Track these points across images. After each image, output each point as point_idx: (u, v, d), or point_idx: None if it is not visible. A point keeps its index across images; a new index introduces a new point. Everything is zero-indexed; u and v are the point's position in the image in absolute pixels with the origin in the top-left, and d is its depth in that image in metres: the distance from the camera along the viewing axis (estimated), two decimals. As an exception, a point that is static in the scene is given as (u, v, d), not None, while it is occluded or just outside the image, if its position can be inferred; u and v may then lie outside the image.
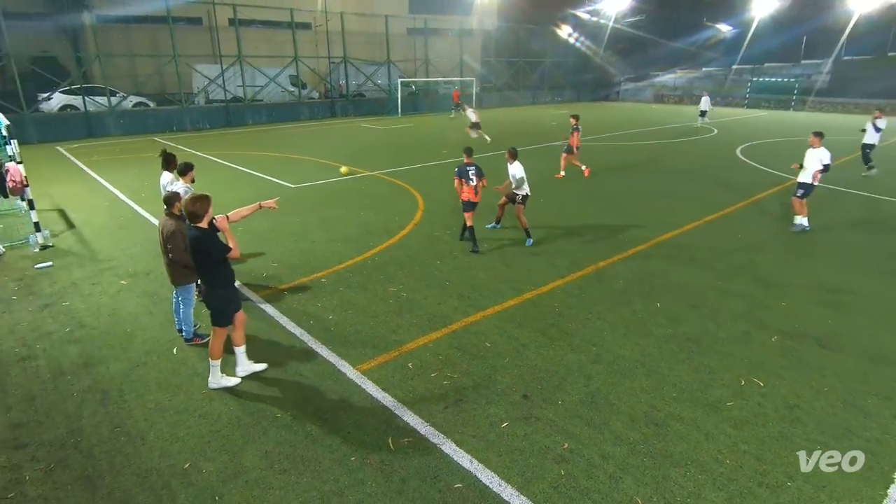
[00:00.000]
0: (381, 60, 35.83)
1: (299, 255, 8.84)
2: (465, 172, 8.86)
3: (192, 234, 4.89)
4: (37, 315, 6.75)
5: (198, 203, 4.79)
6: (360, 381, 5.31)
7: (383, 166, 16.40)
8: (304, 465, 4.22)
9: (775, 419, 4.76)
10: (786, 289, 7.56)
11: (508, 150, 9.28)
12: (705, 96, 28.46)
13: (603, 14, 48.02)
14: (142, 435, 4.56)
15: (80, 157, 18.60)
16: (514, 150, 9.27)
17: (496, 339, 6.16)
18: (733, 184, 14.10)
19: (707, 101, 28.02)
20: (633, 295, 7.33)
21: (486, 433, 4.57)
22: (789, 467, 4.20)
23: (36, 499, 3.89)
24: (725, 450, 4.39)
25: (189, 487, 4.00)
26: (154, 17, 27.99)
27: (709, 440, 4.50)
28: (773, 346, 6.04)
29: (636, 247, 9.20)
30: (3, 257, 8.71)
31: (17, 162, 9.26)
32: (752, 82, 41.35)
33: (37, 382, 5.32)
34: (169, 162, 7.96)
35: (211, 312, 5.12)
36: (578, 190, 13.44)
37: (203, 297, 5.25)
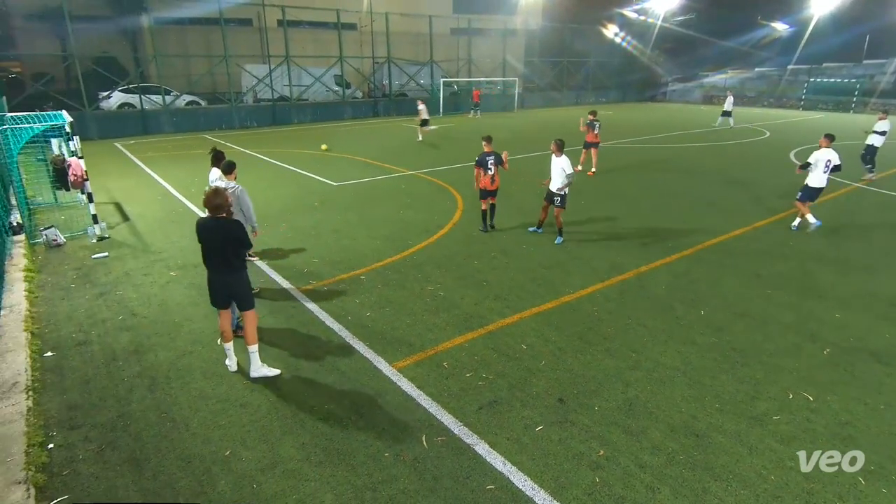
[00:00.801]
0: (424, 60, 36.05)
1: (340, 251, 8.99)
2: (484, 162, 9.31)
3: (224, 224, 5.07)
4: (93, 303, 7.10)
5: (220, 196, 5.01)
6: (395, 379, 5.36)
7: (424, 165, 16.50)
8: (339, 458, 4.28)
9: (825, 436, 4.54)
10: (840, 300, 7.20)
11: (555, 142, 8.93)
12: (729, 96, 27.92)
13: (651, 13, 46.88)
14: (186, 421, 4.73)
15: (135, 153, 19.46)
16: (560, 142, 8.95)
17: (532, 341, 6.10)
18: (786, 188, 13.53)
19: (731, 102, 27.35)
20: (675, 301, 7.13)
21: (521, 436, 4.53)
22: (840, 487, 4.00)
23: (88, 477, 4.10)
24: (770, 465, 4.21)
25: (229, 474, 4.12)
26: (207, 19, 28.97)
27: (753, 454, 4.33)
28: (825, 359, 5.76)
29: (680, 252, 8.95)
30: (63, 247, 9.20)
31: (79, 157, 9.77)
32: (809, 83, 39.56)
33: (91, 367, 5.59)
34: (218, 159, 8.26)
35: (241, 298, 5.30)
36: (618, 192, 13.17)
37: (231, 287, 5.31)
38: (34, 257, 8.66)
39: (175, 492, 3.97)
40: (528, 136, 21.78)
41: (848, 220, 10.83)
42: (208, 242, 5.11)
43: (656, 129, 26.63)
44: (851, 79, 37.65)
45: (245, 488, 4.00)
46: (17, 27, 27.29)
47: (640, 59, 48.22)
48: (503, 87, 40.11)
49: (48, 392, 5.14)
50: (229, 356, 5.53)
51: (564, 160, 8.88)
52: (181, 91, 28.15)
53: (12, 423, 4.55)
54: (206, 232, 5.08)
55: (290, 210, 11.41)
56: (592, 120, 15.01)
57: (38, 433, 4.51)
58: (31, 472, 4.04)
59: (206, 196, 5.02)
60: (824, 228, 10.06)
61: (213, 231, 5.06)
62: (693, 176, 15.31)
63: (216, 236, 5.06)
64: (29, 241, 9.19)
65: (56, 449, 4.39)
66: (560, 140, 8.96)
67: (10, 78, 25.04)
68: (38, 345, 5.96)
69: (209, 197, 5.00)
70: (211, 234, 5.07)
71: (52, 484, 4.02)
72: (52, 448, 4.39)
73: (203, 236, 5.11)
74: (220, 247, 5.09)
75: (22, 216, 9.85)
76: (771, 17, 43.54)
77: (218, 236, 5.06)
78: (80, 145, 10.01)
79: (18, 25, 27.32)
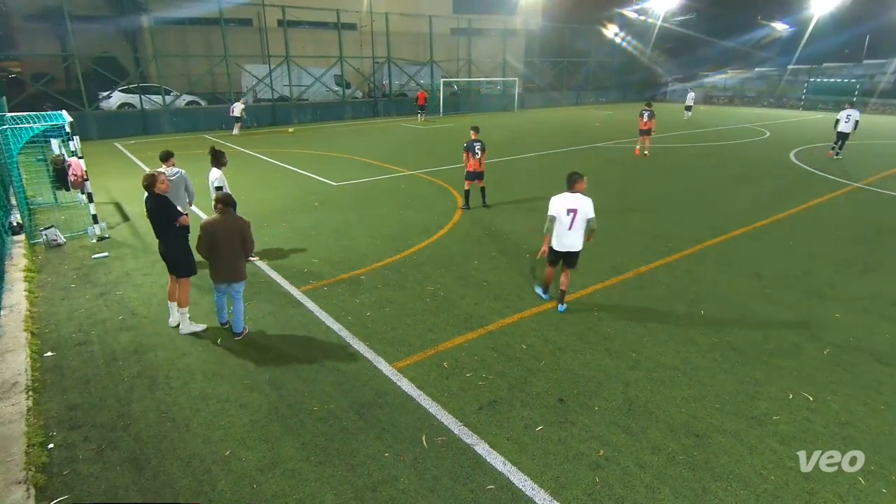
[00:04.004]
0: (424, 60, 36.05)
1: (340, 251, 8.99)
2: (472, 147, 10.77)
3: (163, 202, 5.99)
4: (93, 302, 7.10)
5: (149, 177, 5.90)
6: (395, 378, 5.36)
7: (424, 166, 16.50)
8: (340, 458, 4.29)
9: (825, 436, 4.54)
10: (840, 300, 7.20)
11: (574, 178, 6.34)
12: (691, 92, 33.21)
13: (651, 13, 46.88)
14: (186, 421, 4.73)
15: (135, 153, 19.46)
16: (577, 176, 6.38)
17: (532, 341, 6.10)
18: (786, 189, 13.54)
19: (692, 97, 32.46)
20: (675, 301, 7.14)
21: (521, 436, 4.53)
22: (840, 486, 4.00)
23: (88, 477, 4.10)
24: (770, 465, 4.22)
25: (229, 474, 4.12)
26: (207, 19, 28.96)
27: (753, 454, 4.33)
28: (825, 359, 5.76)
29: (680, 252, 8.95)
30: (63, 247, 9.20)
31: (79, 157, 9.77)
32: (809, 83, 39.56)
33: (91, 367, 5.59)
34: (217, 158, 8.27)
35: (181, 266, 6.16)
36: (618, 192, 13.17)
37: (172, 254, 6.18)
38: (34, 257, 8.66)
39: (175, 492, 3.97)
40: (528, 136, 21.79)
41: (848, 220, 10.83)
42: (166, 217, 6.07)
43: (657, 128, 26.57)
44: (851, 79, 37.62)
45: (245, 488, 4.00)
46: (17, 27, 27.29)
47: (640, 59, 48.22)
48: (503, 87, 40.10)
49: (48, 392, 5.14)
50: (171, 313, 6.47)
51: (589, 203, 6.38)
52: (181, 91, 28.13)
53: (12, 423, 4.55)
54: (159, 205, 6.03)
55: (290, 210, 11.41)
56: (646, 111, 17.94)
57: (39, 433, 4.51)
58: (32, 471, 4.04)
59: (149, 178, 5.92)
60: (823, 227, 10.06)
61: (161, 205, 6.00)
62: (693, 176, 15.32)
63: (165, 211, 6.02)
64: (29, 241, 9.19)
65: (56, 449, 4.39)
66: (576, 174, 6.39)
67: (9, 78, 25.01)
68: (39, 345, 5.96)
69: (148, 178, 5.93)
70: (159, 207, 6.01)
71: (52, 484, 4.02)
72: (53, 448, 4.39)
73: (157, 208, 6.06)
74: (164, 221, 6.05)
75: (22, 216, 9.85)
76: (771, 17, 43.56)
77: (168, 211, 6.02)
78: (80, 145, 10.00)
79: (18, 25, 27.33)
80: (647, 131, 17.93)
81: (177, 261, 6.15)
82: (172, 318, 6.47)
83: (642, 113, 18.00)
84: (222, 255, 5.81)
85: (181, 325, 6.33)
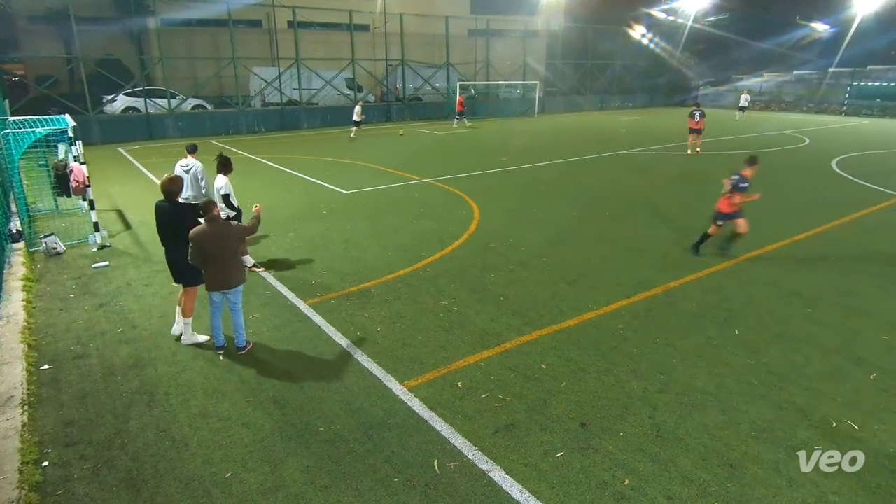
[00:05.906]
0: (439, 63, 36.37)
1: (349, 262, 9.04)
2: None
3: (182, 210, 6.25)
4: (92, 314, 7.21)
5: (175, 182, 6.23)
6: (406, 398, 5.34)
7: (439, 173, 16.58)
8: (346, 482, 4.27)
9: (873, 468, 4.42)
10: (886, 320, 7.04)
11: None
12: (745, 94, 34.95)
13: (681, 13, 46.82)
14: (185, 440, 4.76)
15: (139, 159, 19.85)
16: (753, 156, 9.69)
17: (553, 360, 6.06)
18: (827, 200, 13.35)
19: (746, 99, 34.34)
20: (707, 320, 7.04)
21: (539, 462, 4.48)
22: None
23: (82, 497, 4.13)
24: (812, 499, 4.11)
25: (229, 498, 4.13)
26: (215, 21, 29.57)
27: (792, 487, 4.23)
28: (872, 384, 5.63)
29: (712, 267, 8.85)
30: (63, 255, 9.38)
31: (81, 162, 9.98)
32: (852, 87, 39.11)
33: (89, 381, 5.67)
34: (225, 165, 8.40)
35: (186, 274, 6.27)
36: (647, 202, 13.08)
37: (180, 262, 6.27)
38: (33, 266, 8.84)
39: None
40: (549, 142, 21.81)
41: (892, 234, 10.62)
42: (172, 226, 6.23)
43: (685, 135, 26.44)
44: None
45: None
46: (21, 29, 28.10)
47: (669, 62, 48.09)
48: (523, 90, 40.23)
49: (44, 407, 5.22)
50: (177, 321, 6.56)
51: None
52: (187, 94, 28.69)
53: (6, 440, 4.62)
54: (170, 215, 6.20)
55: (298, 218, 11.52)
56: (696, 111, 20.07)
57: (33, 450, 4.57)
58: (25, 490, 4.09)
59: (167, 181, 6.14)
60: (868, 241, 9.88)
61: (174, 215, 6.17)
62: (726, 185, 15.14)
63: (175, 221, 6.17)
64: (28, 249, 9.39)
65: (51, 467, 4.43)
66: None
67: (13, 81, 25.72)
68: (35, 357, 6.06)
69: (167, 182, 6.13)
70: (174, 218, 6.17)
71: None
72: (47, 466, 4.43)
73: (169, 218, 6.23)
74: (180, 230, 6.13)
75: (22, 223, 10.07)
76: (810, 17, 43.25)
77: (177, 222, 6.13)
78: (83, 150, 10.22)
79: (22, 27, 28.14)
80: (697, 130, 20.02)
81: (183, 269, 6.25)
82: (176, 327, 6.55)
83: (692, 113, 20.14)
84: (214, 263, 5.89)
85: (183, 336, 6.41)
